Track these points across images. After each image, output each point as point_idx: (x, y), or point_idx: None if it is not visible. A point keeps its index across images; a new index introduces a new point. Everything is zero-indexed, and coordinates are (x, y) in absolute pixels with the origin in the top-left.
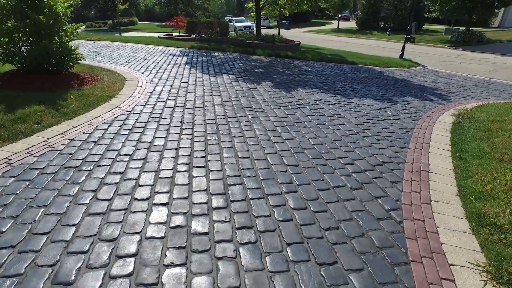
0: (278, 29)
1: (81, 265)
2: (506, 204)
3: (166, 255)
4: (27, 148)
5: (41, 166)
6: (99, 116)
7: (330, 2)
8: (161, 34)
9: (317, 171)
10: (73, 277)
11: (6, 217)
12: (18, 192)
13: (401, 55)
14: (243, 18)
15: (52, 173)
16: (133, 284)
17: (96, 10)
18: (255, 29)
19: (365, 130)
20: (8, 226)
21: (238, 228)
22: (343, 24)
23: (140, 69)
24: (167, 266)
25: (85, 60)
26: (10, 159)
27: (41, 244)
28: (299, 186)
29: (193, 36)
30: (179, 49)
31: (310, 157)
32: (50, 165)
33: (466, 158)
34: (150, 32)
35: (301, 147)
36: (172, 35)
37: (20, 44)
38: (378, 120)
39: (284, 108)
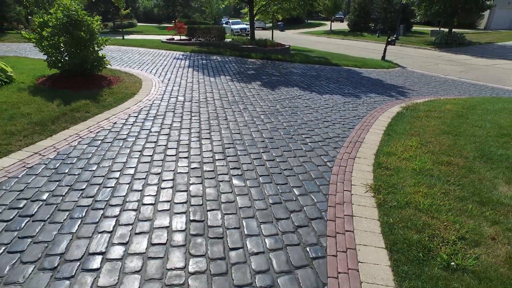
0: (271, 31)
1: (143, 183)
2: (398, 157)
3: (190, 179)
4: (87, 128)
5: (100, 138)
6: (129, 108)
7: (322, 6)
8: (163, 38)
9: (284, 141)
10: (141, 188)
11: (92, 163)
12: (93, 151)
13: (383, 57)
14: (239, 20)
15: (109, 142)
16: (174, 191)
17: (97, 13)
18: (249, 27)
19: (327, 117)
20: (95, 168)
21: (231, 168)
22: (336, 26)
23: (151, 71)
24: (191, 184)
25: (110, 65)
26: (79, 135)
27: (118, 175)
28: (271, 149)
29: (193, 40)
30: (182, 53)
31: (282, 133)
32: (106, 138)
33: (391, 134)
34: (151, 35)
35: (276, 127)
36: (173, 39)
37: (65, 54)
38: (339, 111)
39: (268, 102)
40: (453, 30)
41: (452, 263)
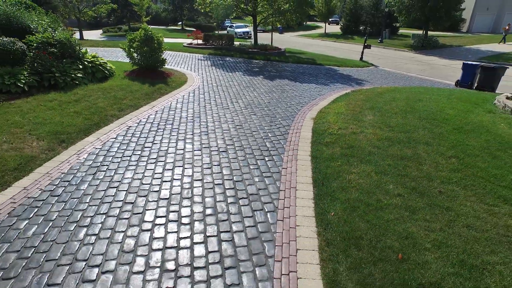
0: (271, 34)
1: (212, 117)
2: (331, 109)
3: (232, 116)
4: (170, 97)
5: (180, 101)
6: (186, 89)
7: (317, 11)
8: (184, 42)
9: (276, 103)
10: (212, 118)
11: (183, 110)
12: (181, 106)
13: (361, 58)
14: (242, 24)
15: (186, 103)
16: (228, 119)
17: (114, 17)
18: (252, 33)
19: (302, 94)
20: (185, 112)
21: (250, 112)
22: (331, 29)
23: (187, 68)
24: (233, 117)
25: (167, 65)
26: (169, 100)
27: (199, 114)
28: (269, 106)
29: (208, 44)
30: (202, 55)
31: (275, 101)
32: (183, 101)
33: (334, 101)
34: (164, 38)
35: (272, 98)
36: (192, 43)
37: (142, 57)
38: (310, 92)
39: (268, 87)
40: (434, 33)
41: (332, 133)
